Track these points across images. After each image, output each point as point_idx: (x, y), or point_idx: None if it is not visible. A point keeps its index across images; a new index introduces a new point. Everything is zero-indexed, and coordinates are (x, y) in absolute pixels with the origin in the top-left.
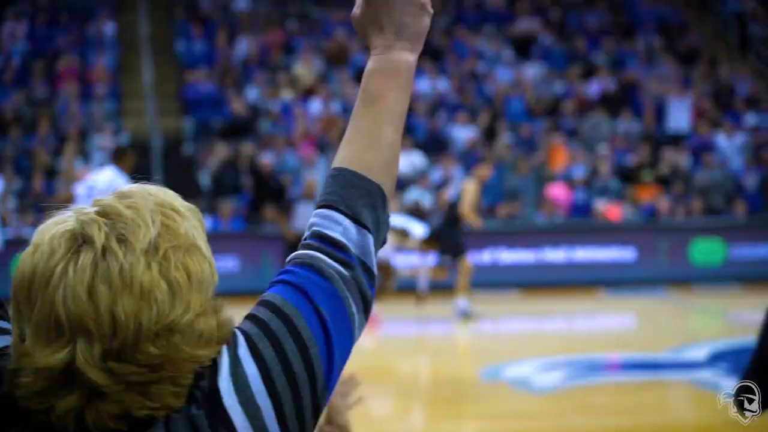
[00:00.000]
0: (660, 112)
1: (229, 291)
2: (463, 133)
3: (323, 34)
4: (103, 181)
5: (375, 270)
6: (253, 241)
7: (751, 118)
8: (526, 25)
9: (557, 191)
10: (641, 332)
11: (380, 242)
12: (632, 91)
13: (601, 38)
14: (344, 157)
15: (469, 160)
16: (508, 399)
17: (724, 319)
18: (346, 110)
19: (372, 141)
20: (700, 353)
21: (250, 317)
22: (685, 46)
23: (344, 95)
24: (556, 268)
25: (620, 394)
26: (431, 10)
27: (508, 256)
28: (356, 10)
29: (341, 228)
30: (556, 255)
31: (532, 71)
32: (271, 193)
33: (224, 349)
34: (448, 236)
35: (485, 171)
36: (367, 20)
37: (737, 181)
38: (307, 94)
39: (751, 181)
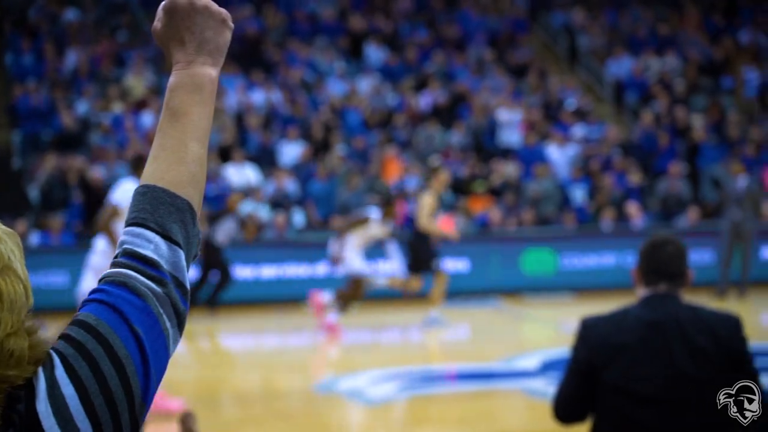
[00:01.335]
0: (491, 124)
1: (58, 306)
2: (294, 147)
3: (154, 45)
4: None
5: (188, 285)
6: (84, 255)
7: (579, 130)
8: (358, 36)
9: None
10: (475, 342)
11: (192, 257)
12: (463, 103)
13: (433, 50)
14: (151, 173)
15: (301, 173)
16: (343, 411)
17: (555, 328)
18: None
19: (178, 156)
20: (531, 362)
21: (64, 337)
22: (515, 58)
23: None
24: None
25: (454, 404)
26: (232, 25)
27: (341, 269)
28: (157, 23)
29: (152, 245)
30: (392, 266)
31: (365, 83)
32: (102, 206)
33: (40, 371)
34: (418, 251)
35: (442, 177)
36: (168, 35)
37: (566, 192)
38: (139, 106)
39: (579, 192)
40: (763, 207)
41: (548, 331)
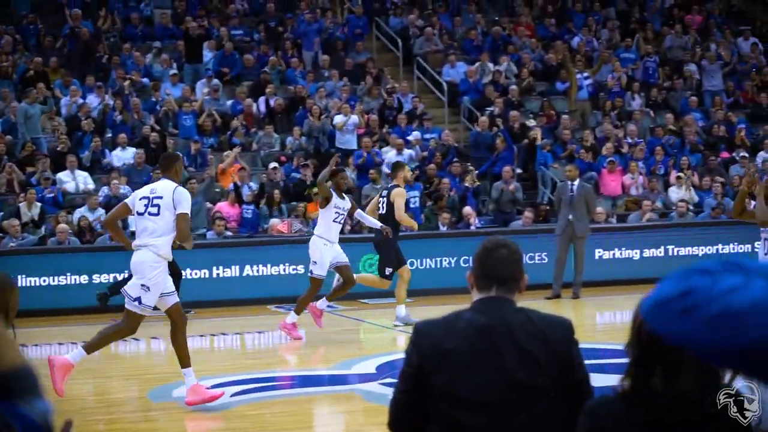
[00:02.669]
0: (328, 128)
1: None
2: (128, 152)
3: None
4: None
5: None
6: None
7: (416, 134)
8: (195, 41)
9: (226, 208)
10: (312, 347)
11: None
12: (300, 107)
13: (269, 54)
14: None
15: (135, 178)
16: (178, 419)
17: (392, 332)
18: None
19: None
20: (369, 366)
21: None
22: (352, 62)
23: None
24: (229, 285)
25: (292, 408)
26: None
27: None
28: None
29: None
30: (228, 272)
31: (201, 87)
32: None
33: None
34: (387, 249)
35: (404, 173)
36: None
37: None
38: None
39: (415, 195)
40: (596, 209)
41: (386, 334)
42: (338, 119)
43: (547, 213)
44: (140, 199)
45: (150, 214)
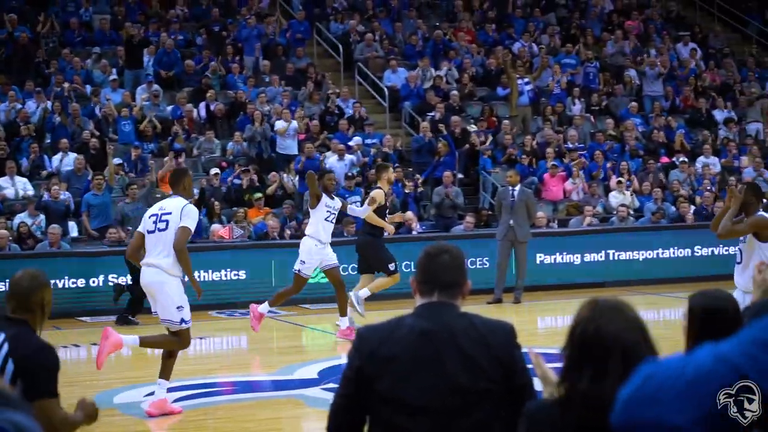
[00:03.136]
0: (270, 134)
1: None
2: (68, 158)
3: None
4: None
5: None
6: None
7: (356, 139)
8: (135, 47)
9: None
10: (254, 353)
11: None
12: (241, 113)
13: (210, 59)
14: None
15: (73, 182)
16: (120, 424)
17: (334, 338)
18: None
19: None
20: (311, 371)
21: None
22: (293, 67)
23: None
24: None
25: (235, 414)
26: None
27: (122, 280)
28: None
29: None
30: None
31: (141, 93)
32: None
33: None
34: (375, 249)
35: (388, 174)
36: None
37: (343, 199)
38: None
39: (356, 200)
40: (537, 214)
41: (327, 340)
42: (279, 125)
43: (488, 218)
44: (149, 217)
45: (159, 230)
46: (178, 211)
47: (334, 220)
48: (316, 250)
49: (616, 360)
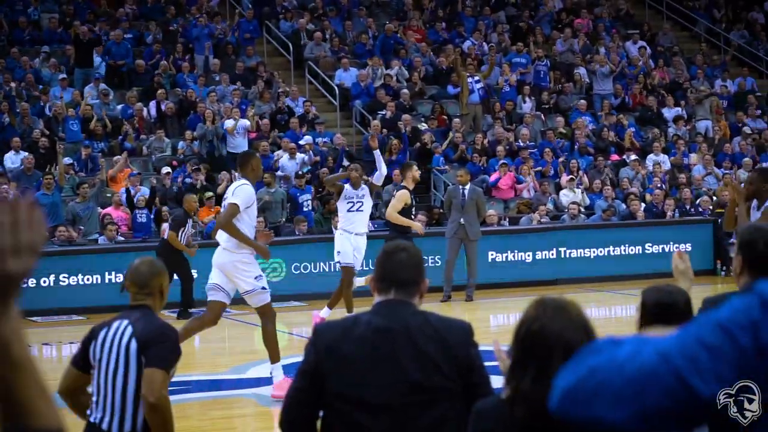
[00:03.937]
0: (220, 132)
1: None
2: (17, 158)
3: None
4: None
5: None
6: None
7: (307, 138)
8: (85, 45)
9: (116, 212)
10: (206, 352)
11: None
12: (191, 111)
13: (160, 58)
14: None
15: (22, 181)
16: (80, 424)
17: (287, 335)
18: None
19: None
20: (263, 370)
21: None
22: (243, 66)
23: None
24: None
25: (186, 413)
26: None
27: (73, 279)
28: None
29: None
30: (121, 277)
31: (90, 92)
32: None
33: None
34: None
35: (413, 173)
36: None
37: (296, 199)
38: None
39: (306, 198)
40: (487, 212)
41: (280, 339)
42: (228, 123)
43: (440, 216)
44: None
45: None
46: (232, 189)
47: (360, 209)
48: (341, 239)
49: (559, 359)
